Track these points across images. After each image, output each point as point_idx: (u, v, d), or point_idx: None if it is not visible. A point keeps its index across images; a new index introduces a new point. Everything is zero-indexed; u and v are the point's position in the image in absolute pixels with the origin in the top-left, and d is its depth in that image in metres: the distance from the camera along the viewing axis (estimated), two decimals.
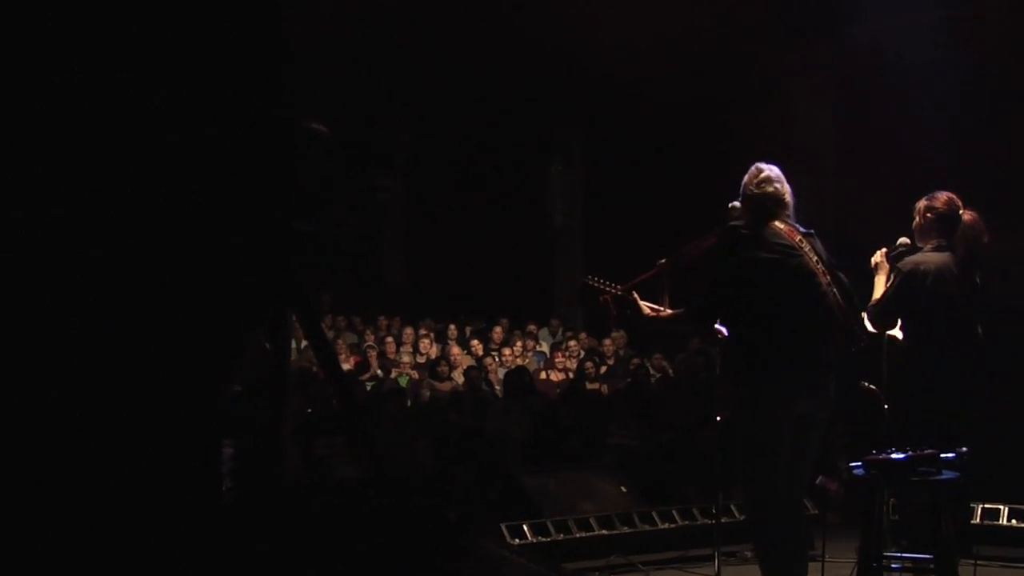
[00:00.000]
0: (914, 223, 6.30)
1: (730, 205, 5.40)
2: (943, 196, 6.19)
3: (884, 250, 6.32)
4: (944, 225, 6.15)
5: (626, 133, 16.14)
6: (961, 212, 6.12)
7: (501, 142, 17.08)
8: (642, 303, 5.46)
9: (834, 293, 5.08)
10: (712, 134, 14.10)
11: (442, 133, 16.97)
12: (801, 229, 5.18)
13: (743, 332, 5.04)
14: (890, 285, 6.07)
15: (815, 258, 5.08)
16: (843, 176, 14.04)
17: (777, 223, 5.08)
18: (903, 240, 6.31)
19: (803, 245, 5.09)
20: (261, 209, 2.85)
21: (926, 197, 6.25)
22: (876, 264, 6.26)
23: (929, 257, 6.11)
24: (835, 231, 12.15)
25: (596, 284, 5.63)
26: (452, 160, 17.61)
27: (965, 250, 6.10)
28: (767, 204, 5.13)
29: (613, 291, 5.58)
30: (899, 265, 6.11)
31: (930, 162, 10.90)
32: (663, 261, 5.61)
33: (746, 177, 5.22)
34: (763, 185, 5.17)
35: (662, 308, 5.46)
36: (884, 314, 6.03)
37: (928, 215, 6.20)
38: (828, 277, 5.08)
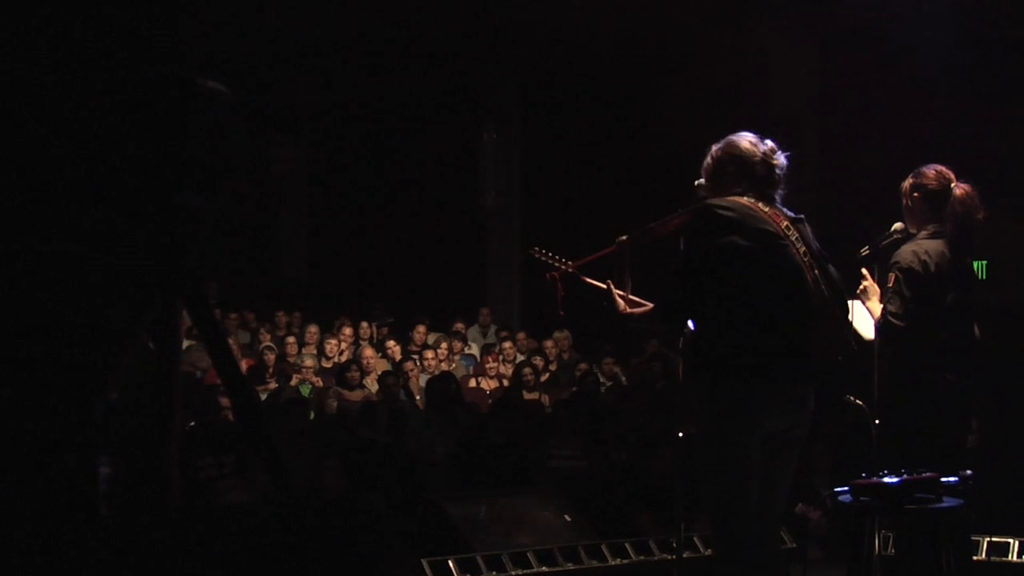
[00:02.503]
0: (903, 206, 6.35)
1: (696, 183, 5.42)
2: (931, 171, 6.22)
3: (867, 250, 6.36)
4: (935, 204, 6.19)
5: (572, 96, 16.17)
6: (952, 186, 6.16)
7: (422, 105, 17.05)
8: (617, 293, 5.43)
9: (821, 291, 5.09)
10: (673, 99, 14.16)
11: (352, 94, 16.90)
12: (789, 213, 5.18)
13: (711, 332, 5.04)
14: (897, 287, 6.07)
15: (802, 248, 5.08)
16: (826, 149, 14.17)
17: (761, 204, 5.09)
18: (898, 225, 6.35)
19: (790, 233, 5.09)
20: (146, 181, 2.83)
21: (912, 174, 6.30)
22: (865, 289, 6.27)
23: (926, 245, 6.15)
24: (817, 212, 12.28)
25: (543, 258, 5.63)
26: (364, 126, 17.55)
27: (955, 229, 6.13)
28: (763, 178, 5.13)
29: (563, 268, 5.58)
30: (896, 260, 6.15)
31: (927, 133, 11.03)
32: (624, 238, 5.60)
33: (744, 144, 5.18)
34: (771, 156, 5.17)
35: (636, 299, 5.45)
36: (907, 320, 6.02)
37: (915, 195, 6.25)
38: (815, 271, 5.09)
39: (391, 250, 17.30)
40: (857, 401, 6.45)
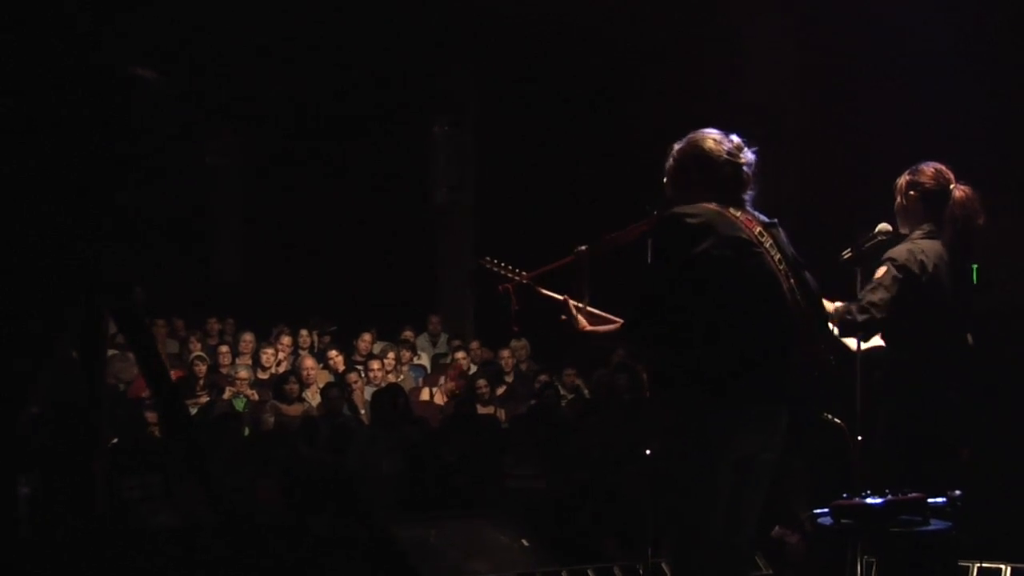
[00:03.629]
0: (895, 204, 6.41)
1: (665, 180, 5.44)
2: (929, 169, 6.30)
3: (849, 253, 6.42)
4: (932, 205, 6.27)
5: (530, 85, 16.18)
6: (952, 187, 6.24)
7: (369, 94, 17.01)
8: (575, 306, 5.43)
9: (797, 300, 5.11)
10: (640, 89, 14.19)
11: (291, 81, 16.84)
12: (762, 218, 5.21)
13: (678, 347, 5.04)
14: (883, 279, 6.13)
15: (777, 255, 5.10)
16: (807, 145, 14.22)
17: (731, 209, 5.11)
18: (883, 226, 6.41)
19: (763, 239, 5.11)
20: (70, 176, 2.83)
21: (908, 171, 6.37)
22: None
23: (923, 245, 6.21)
24: (797, 212, 12.32)
25: (494, 268, 5.63)
26: (304, 116, 17.49)
27: (954, 234, 6.20)
28: (730, 180, 5.15)
29: (517, 279, 5.59)
30: (890, 255, 6.20)
31: (918, 128, 11.07)
32: (583, 248, 5.61)
33: (708, 143, 5.19)
34: (736, 155, 5.19)
35: (598, 312, 5.45)
36: (874, 313, 6.08)
37: (911, 193, 6.32)
38: (791, 280, 5.11)
39: (334, 251, 17.24)
40: (835, 420, 6.49)
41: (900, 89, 12.23)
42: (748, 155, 5.21)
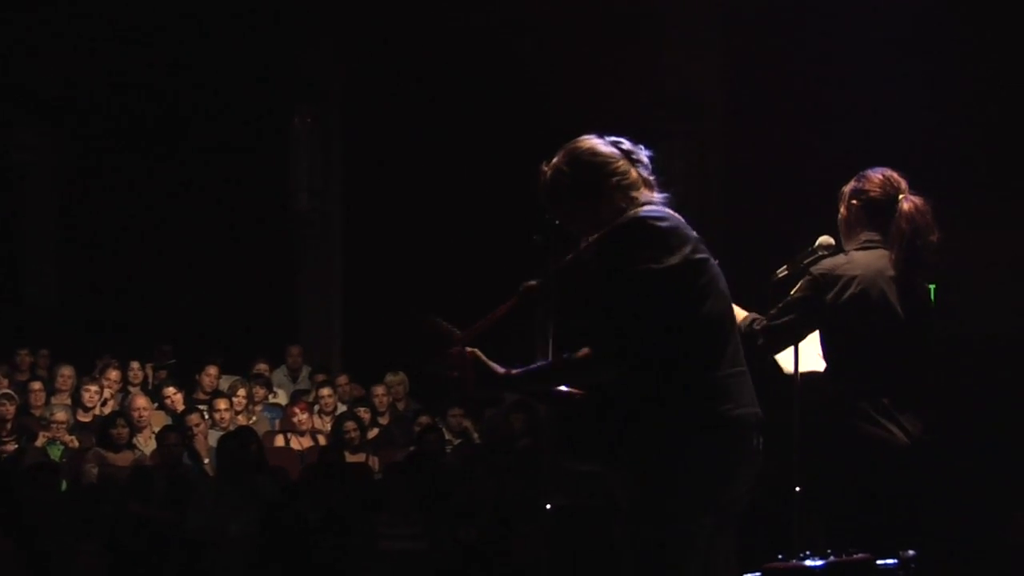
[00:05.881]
0: (839, 215, 6.52)
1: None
2: (877, 176, 6.39)
3: (784, 270, 6.51)
4: (877, 215, 6.37)
5: (407, 72, 16.19)
6: (901, 198, 6.33)
7: (214, 80, 16.95)
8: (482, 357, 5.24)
9: None
10: (542, 78, 14.27)
11: (118, 62, 16.74)
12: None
13: (658, 375, 4.94)
14: (794, 292, 6.24)
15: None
16: (734, 143, 14.39)
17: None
18: (824, 239, 6.49)
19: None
20: None
21: (855, 178, 6.46)
22: None
23: (855, 258, 6.32)
24: (722, 220, 12.49)
25: (442, 331, 5.41)
26: (133, 105, 17.37)
27: (899, 252, 6.28)
28: (643, 182, 5.18)
29: (457, 339, 5.37)
30: (812, 269, 6.30)
31: (860, 126, 11.26)
32: (532, 284, 5.46)
33: (601, 147, 5.11)
34: (636, 152, 5.19)
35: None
36: (777, 332, 6.19)
37: (854, 202, 6.41)
38: None
39: (171, 268, 17.14)
40: None
41: (839, 81, 12.43)
42: (644, 153, 5.26)
